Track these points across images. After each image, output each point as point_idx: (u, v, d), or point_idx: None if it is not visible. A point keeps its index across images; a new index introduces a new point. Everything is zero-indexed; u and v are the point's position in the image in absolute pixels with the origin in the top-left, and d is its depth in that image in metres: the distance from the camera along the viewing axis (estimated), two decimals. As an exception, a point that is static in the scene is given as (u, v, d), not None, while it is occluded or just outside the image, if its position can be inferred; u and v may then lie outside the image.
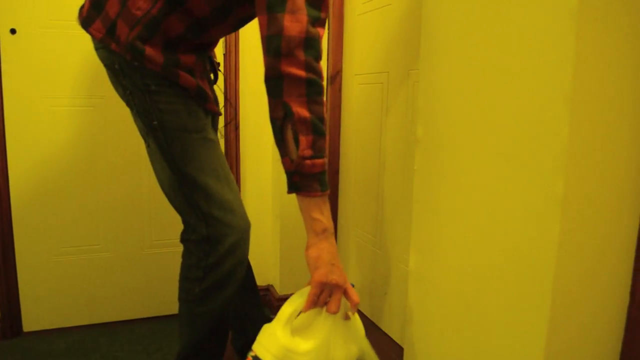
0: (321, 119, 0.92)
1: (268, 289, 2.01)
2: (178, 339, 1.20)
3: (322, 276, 0.94)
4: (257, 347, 0.94)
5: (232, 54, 1.81)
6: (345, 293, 0.97)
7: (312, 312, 0.97)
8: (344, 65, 1.82)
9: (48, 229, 1.69)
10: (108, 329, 1.76)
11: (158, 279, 1.83)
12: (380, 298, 1.64)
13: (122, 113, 1.71)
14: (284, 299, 1.98)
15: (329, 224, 0.95)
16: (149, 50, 1.00)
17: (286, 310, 0.95)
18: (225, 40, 1.79)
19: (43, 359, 1.55)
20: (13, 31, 1.57)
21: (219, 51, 1.78)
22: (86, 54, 1.65)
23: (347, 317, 0.98)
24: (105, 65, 1.10)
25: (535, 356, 0.75)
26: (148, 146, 1.12)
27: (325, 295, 0.95)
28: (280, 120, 0.91)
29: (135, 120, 1.12)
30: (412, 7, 1.41)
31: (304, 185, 0.92)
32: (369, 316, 1.72)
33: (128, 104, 1.08)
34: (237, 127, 1.86)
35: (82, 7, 1.11)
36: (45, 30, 1.60)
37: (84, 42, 1.64)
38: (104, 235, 1.76)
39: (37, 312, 1.72)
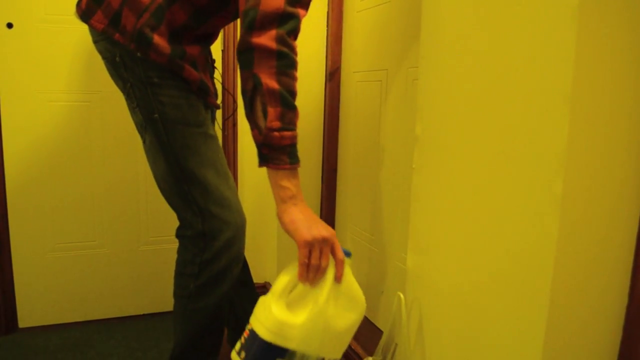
0: (291, 92, 0.91)
1: (265, 285, 2.00)
2: (173, 336, 1.19)
3: (305, 234, 0.89)
4: (254, 321, 0.92)
5: (230, 50, 1.79)
6: (332, 249, 0.93)
7: (306, 284, 0.93)
8: (342, 62, 1.82)
9: (44, 225, 1.68)
10: (103, 325, 1.75)
11: (154, 275, 1.83)
12: (377, 296, 1.63)
13: (118, 108, 1.70)
14: (280, 297, 1.96)
15: (298, 192, 0.93)
16: (157, 39, 0.99)
17: (280, 282, 0.92)
18: (224, 37, 1.78)
19: (38, 355, 1.55)
20: (10, 25, 1.56)
21: (216, 48, 1.77)
22: (83, 48, 1.64)
23: (337, 280, 0.93)
24: (105, 58, 1.09)
25: (533, 356, 0.75)
26: (144, 142, 1.11)
27: (316, 254, 0.90)
28: (250, 92, 0.91)
29: (133, 115, 1.10)
30: (412, 5, 1.40)
31: (272, 158, 0.91)
32: (366, 314, 1.71)
33: (128, 97, 1.08)
34: (234, 124, 1.85)
35: (79, 0, 1.10)
36: (42, 24, 1.59)
37: (81, 36, 1.63)
38: (99, 231, 1.75)
39: (32, 309, 1.71)
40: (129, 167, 1.75)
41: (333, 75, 1.82)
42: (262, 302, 0.93)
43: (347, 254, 0.96)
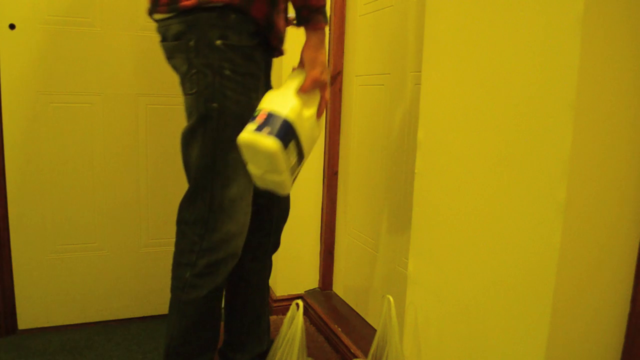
0: None
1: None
2: (166, 331, 1.18)
3: (317, 75, 1.10)
4: (270, 106, 1.03)
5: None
6: (322, 90, 1.15)
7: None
8: (344, 66, 1.82)
9: (44, 227, 1.68)
10: (103, 327, 1.75)
11: (154, 277, 1.83)
12: (379, 301, 1.63)
13: (120, 110, 1.70)
14: (281, 300, 1.97)
15: (324, 42, 1.13)
16: None
17: (292, 83, 1.09)
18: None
19: (38, 357, 1.54)
20: (12, 26, 1.56)
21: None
22: (85, 50, 1.64)
23: (318, 115, 1.14)
24: (173, 40, 1.08)
25: (534, 364, 0.75)
26: (187, 125, 1.12)
27: (316, 89, 1.12)
28: None
29: (185, 97, 1.12)
30: (415, 9, 1.40)
31: (311, 18, 1.09)
32: (367, 319, 1.71)
33: (189, 81, 1.08)
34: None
35: None
36: (44, 26, 1.59)
37: (84, 38, 1.63)
38: (100, 233, 1.75)
39: (32, 310, 1.71)
40: (131, 169, 1.75)
41: (335, 79, 1.82)
42: (275, 93, 1.08)
43: None
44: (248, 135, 0.99)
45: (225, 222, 1.11)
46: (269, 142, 0.96)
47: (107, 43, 1.65)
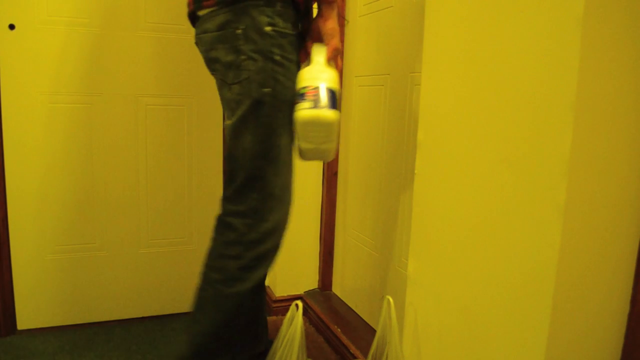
0: None
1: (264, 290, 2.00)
2: (191, 327, 1.14)
3: (337, 43, 1.14)
4: (315, 80, 1.07)
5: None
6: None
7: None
8: (344, 67, 1.82)
9: (44, 227, 1.68)
10: (103, 328, 1.75)
11: (153, 278, 1.82)
12: (378, 302, 1.63)
13: (120, 111, 1.70)
14: (280, 301, 1.97)
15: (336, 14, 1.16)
16: None
17: (319, 57, 1.12)
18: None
19: (37, 357, 1.54)
20: (12, 27, 1.56)
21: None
22: (85, 50, 1.64)
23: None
24: (217, 31, 1.09)
25: (534, 364, 0.75)
26: (234, 116, 1.11)
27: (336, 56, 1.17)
28: None
29: (229, 90, 1.11)
30: (414, 10, 1.40)
31: None
32: (366, 320, 1.71)
33: (237, 69, 1.08)
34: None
35: None
36: (44, 26, 1.59)
37: (83, 38, 1.63)
38: (100, 233, 1.75)
39: (31, 311, 1.71)
40: (130, 169, 1.75)
41: (335, 79, 1.82)
42: (310, 69, 1.11)
43: None
44: (308, 112, 1.04)
45: (275, 210, 1.11)
46: (330, 114, 1.03)
47: (106, 43, 1.66)
